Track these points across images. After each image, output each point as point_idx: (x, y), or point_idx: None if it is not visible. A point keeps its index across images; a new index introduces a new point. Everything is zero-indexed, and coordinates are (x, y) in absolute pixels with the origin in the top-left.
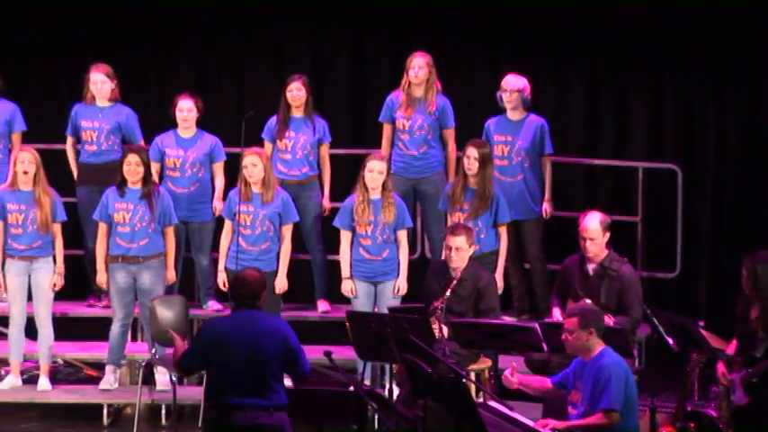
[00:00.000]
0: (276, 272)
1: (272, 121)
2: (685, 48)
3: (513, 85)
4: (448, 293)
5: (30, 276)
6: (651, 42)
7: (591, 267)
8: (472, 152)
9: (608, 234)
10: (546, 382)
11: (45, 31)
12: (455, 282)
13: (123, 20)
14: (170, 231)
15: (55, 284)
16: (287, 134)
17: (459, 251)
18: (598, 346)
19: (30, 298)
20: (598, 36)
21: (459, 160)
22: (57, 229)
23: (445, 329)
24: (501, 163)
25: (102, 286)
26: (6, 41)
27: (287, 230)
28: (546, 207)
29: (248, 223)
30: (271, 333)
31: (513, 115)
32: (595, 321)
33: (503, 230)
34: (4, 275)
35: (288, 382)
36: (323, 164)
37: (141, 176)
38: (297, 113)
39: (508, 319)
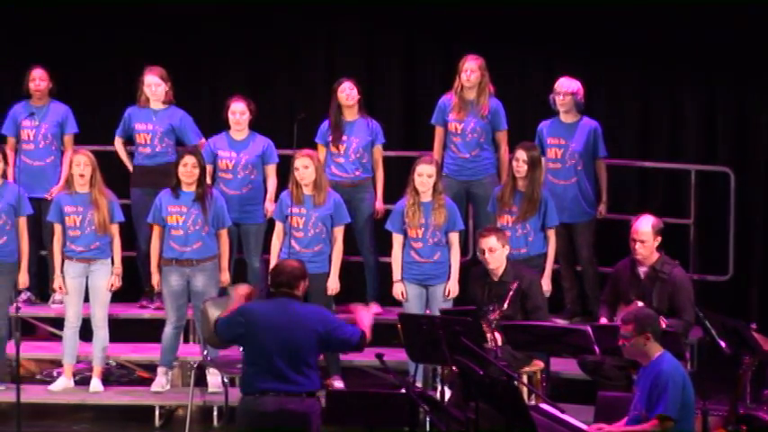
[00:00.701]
0: (328, 274)
1: (325, 124)
2: (738, 50)
3: (567, 88)
4: (506, 306)
5: (87, 278)
6: (704, 44)
7: (642, 271)
8: (521, 155)
9: (659, 238)
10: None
11: (98, 33)
12: (512, 293)
13: (176, 22)
14: (223, 234)
15: (112, 285)
16: (340, 137)
17: (493, 252)
18: (656, 350)
19: (86, 300)
20: (651, 38)
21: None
22: (114, 229)
23: (499, 337)
24: (554, 166)
25: (155, 288)
26: (60, 44)
27: (338, 232)
28: (601, 208)
29: (300, 226)
30: (303, 320)
31: (567, 118)
32: (651, 325)
33: (551, 233)
34: (63, 277)
35: (339, 383)
36: (376, 166)
37: (197, 178)
38: (349, 116)
39: (560, 322)
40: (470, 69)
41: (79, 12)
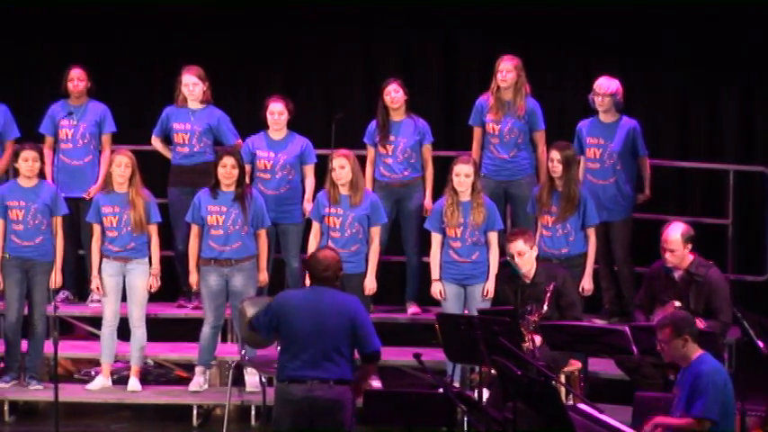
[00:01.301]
0: (365, 274)
1: (373, 124)
2: None
3: (606, 88)
4: (545, 309)
5: (124, 278)
6: (743, 44)
7: (677, 274)
8: (555, 155)
9: (689, 245)
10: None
11: (137, 33)
12: (549, 294)
13: (214, 22)
14: (262, 234)
15: (151, 286)
16: (387, 137)
17: (522, 255)
18: (695, 351)
19: (124, 299)
20: (689, 38)
21: None
22: (152, 230)
23: (538, 339)
24: (593, 166)
25: (193, 288)
26: (98, 43)
27: (375, 232)
28: (641, 197)
29: (337, 226)
30: (337, 308)
31: (606, 118)
32: (689, 327)
33: (591, 232)
34: (101, 277)
35: (377, 383)
36: (425, 165)
37: (236, 179)
38: (396, 116)
39: (598, 322)
40: (506, 70)
41: (118, 12)
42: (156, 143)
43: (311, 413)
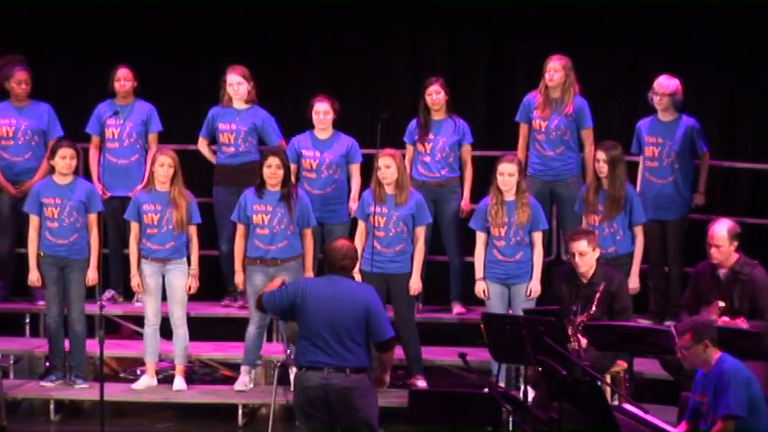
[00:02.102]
0: (410, 274)
1: (413, 123)
2: None
3: (665, 88)
4: (593, 309)
5: (164, 277)
6: None
7: (722, 272)
8: (601, 155)
9: (735, 243)
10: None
11: (183, 33)
12: (599, 295)
13: (261, 22)
14: (308, 233)
15: (190, 287)
16: (426, 135)
17: (584, 256)
18: (715, 354)
19: (164, 298)
20: (737, 37)
21: None
22: (192, 230)
23: (583, 341)
24: (651, 164)
25: (238, 287)
26: (143, 43)
27: (420, 232)
28: (698, 198)
29: (381, 225)
30: (352, 297)
31: (665, 117)
32: (709, 333)
33: (638, 231)
34: (140, 276)
35: (422, 383)
36: (464, 165)
37: (281, 179)
38: (437, 116)
39: (643, 322)
40: (554, 69)
41: (164, 12)
42: (203, 147)
43: (328, 400)
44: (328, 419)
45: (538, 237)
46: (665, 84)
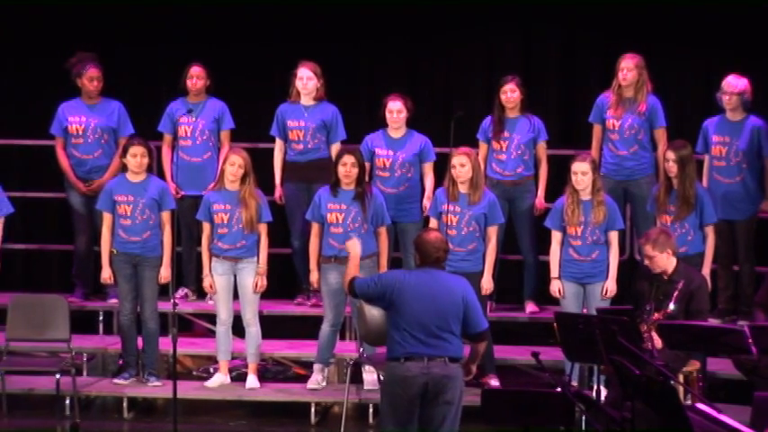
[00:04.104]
0: (482, 273)
1: (487, 121)
2: None
3: (734, 87)
4: (671, 307)
5: (235, 276)
6: None
7: None
8: (670, 155)
9: None
10: None
11: (255, 31)
12: (677, 293)
13: (334, 20)
14: (383, 232)
15: (257, 284)
16: (501, 133)
17: (651, 259)
18: None
19: (236, 297)
20: None
21: None
22: (262, 229)
23: (658, 341)
24: (719, 164)
25: (313, 286)
26: (216, 42)
27: (492, 232)
28: (765, 206)
29: (454, 224)
30: (449, 289)
31: (733, 116)
32: None
33: (709, 231)
34: (212, 276)
35: (495, 382)
36: (540, 163)
37: (355, 177)
38: (511, 114)
39: (713, 322)
40: (627, 68)
41: (237, 11)
42: (277, 150)
43: (427, 389)
44: (414, 411)
45: (614, 236)
46: (734, 83)
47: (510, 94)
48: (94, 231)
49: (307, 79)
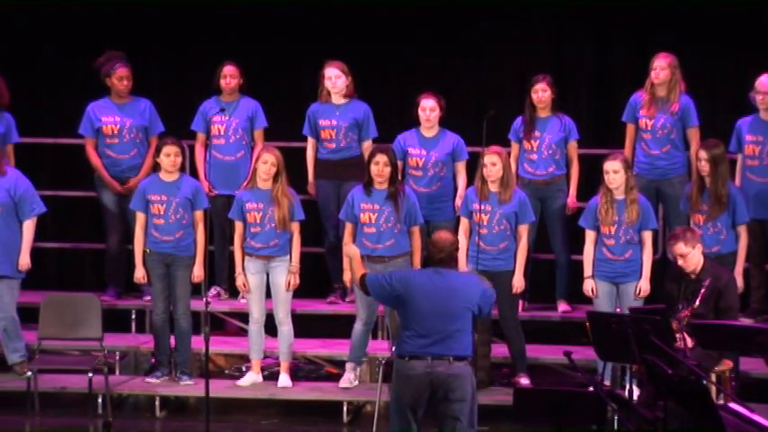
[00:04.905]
0: (514, 271)
1: (518, 121)
2: None
3: (767, 86)
4: (697, 304)
5: (268, 275)
6: None
7: None
8: (702, 154)
9: None
10: None
11: (287, 30)
12: (703, 290)
13: (364, 18)
14: (416, 231)
15: (289, 283)
16: (532, 132)
17: (685, 256)
18: None
19: (269, 296)
20: None
21: None
22: (295, 227)
23: (690, 341)
24: (752, 163)
25: (347, 285)
26: (248, 41)
27: (523, 230)
28: None
29: (485, 223)
30: (459, 289)
31: (766, 116)
32: None
33: (742, 230)
34: (245, 274)
35: (526, 381)
36: (570, 162)
37: (388, 176)
38: (542, 113)
39: (745, 321)
40: (659, 67)
41: (267, 9)
42: (309, 148)
43: (431, 387)
44: (423, 411)
45: (647, 235)
46: (767, 82)
47: (541, 93)
48: (126, 230)
49: (335, 78)
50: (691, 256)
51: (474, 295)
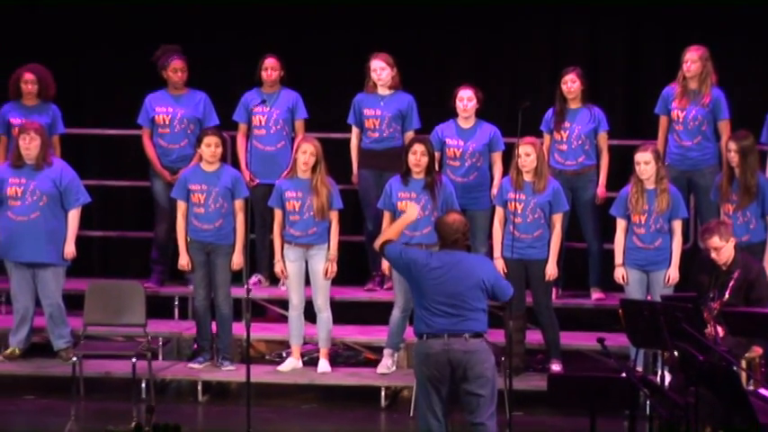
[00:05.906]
0: (547, 259)
1: (549, 112)
2: None
3: None
4: (727, 296)
5: (306, 263)
6: None
7: None
8: (732, 145)
9: None
10: None
11: (328, 23)
12: (733, 282)
13: (405, 12)
14: None
15: (327, 271)
16: (562, 123)
17: (719, 249)
18: None
19: (308, 283)
20: None
21: None
22: (333, 216)
23: (720, 330)
24: None
25: (385, 273)
26: (289, 33)
27: (557, 219)
28: None
29: (519, 212)
30: (472, 269)
31: None
32: None
33: None
34: (284, 262)
35: (558, 367)
36: (601, 153)
37: (425, 166)
38: (572, 104)
39: None
40: (691, 60)
41: (310, 2)
42: (353, 137)
43: (450, 365)
44: (447, 390)
45: (677, 224)
46: None
47: (570, 84)
48: (174, 220)
49: (380, 70)
50: (724, 250)
51: (486, 273)
